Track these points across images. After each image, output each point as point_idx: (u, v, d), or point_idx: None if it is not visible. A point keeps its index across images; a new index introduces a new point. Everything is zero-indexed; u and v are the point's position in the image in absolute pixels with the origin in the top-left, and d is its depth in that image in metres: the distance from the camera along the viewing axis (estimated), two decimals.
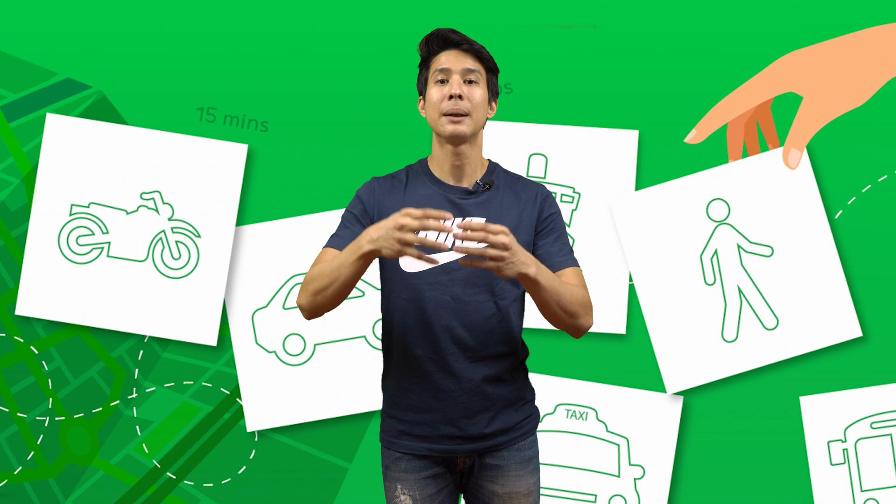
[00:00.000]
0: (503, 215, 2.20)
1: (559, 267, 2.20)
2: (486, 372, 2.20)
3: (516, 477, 2.27)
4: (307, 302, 2.13)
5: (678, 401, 3.30)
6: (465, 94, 2.15)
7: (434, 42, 2.22)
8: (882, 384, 3.26)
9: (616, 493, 3.32)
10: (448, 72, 2.17)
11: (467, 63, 2.18)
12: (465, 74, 2.17)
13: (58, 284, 3.33)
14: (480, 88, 2.19)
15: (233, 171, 3.34)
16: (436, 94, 2.18)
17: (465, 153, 2.19)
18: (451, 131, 2.14)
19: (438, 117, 2.16)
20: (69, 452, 3.42)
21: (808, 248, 3.22)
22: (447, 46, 2.20)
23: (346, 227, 2.21)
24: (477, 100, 2.17)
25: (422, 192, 2.21)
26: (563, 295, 2.08)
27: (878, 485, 3.26)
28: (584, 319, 2.16)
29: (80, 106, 3.35)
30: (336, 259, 2.05)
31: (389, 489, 2.28)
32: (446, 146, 2.19)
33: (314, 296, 2.10)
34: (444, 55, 2.19)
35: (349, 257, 2.00)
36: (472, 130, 2.16)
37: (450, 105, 2.14)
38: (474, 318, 2.17)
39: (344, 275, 2.03)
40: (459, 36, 2.20)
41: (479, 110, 2.18)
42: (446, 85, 2.17)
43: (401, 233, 1.87)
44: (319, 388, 3.36)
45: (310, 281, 2.11)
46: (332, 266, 2.05)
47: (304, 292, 2.13)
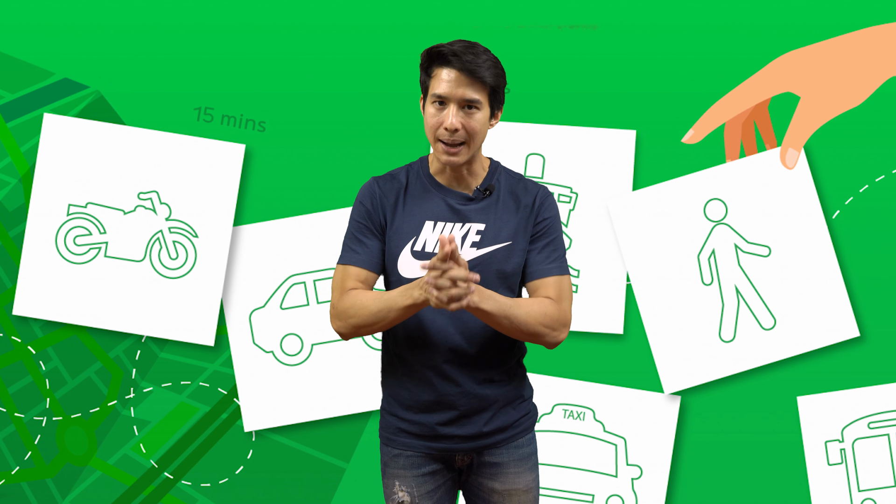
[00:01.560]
0: (503, 222, 2.19)
1: (538, 276, 2.19)
2: (483, 375, 2.20)
3: (515, 474, 2.27)
4: (347, 332, 2.16)
5: (675, 401, 3.30)
6: (461, 126, 2.08)
7: (435, 58, 2.10)
8: (879, 384, 3.26)
9: (613, 493, 3.32)
10: (446, 99, 2.08)
11: (467, 92, 2.06)
12: (462, 103, 2.08)
13: (55, 284, 3.33)
14: (481, 113, 2.10)
15: (230, 171, 3.33)
16: (432, 116, 2.10)
17: (464, 167, 2.18)
18: (446, 161, 2.11)
19: (434, 140, 2.12)
20: (66, 452, 3.42)
21: (806, 249, 3.22)
22: (448, 65, 2.08)
23: (359, 242, 2.19)
24: (475, 128, 2.09)
25: (421, 196, 2.20)
26: (517, 317, 2.07)
27: (876, 485, 3.26)
28: (551, 336, 2.15)
29: (78, 106, 3.35)
30: (382, 300, 2.07)
31: (388, 486, 2.29)
32: (443, 158, 2.16)
33: (356, 329, 2.13)
34: (445, 73, 2.08)
35: (400, 302, 2.05)
36: (467, 158, 2.13)
37: (446, 136, 2.08)
38: (471, 324, 2.17)
39: (392, 317, 2.07)
40: (461, 59, 2.06)
41: (476, 137, 2.11)
42: (443, 110, 2.09)
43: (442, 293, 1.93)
44: (317, 389, 3.36)
45: (350, 314, 2.12)
46: (376, 306, 2.07)
47: (343, 322, 2.14)
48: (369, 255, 2.17)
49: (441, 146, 2.10)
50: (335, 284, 2.18)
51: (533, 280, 2.20)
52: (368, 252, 2.17)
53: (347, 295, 2.13)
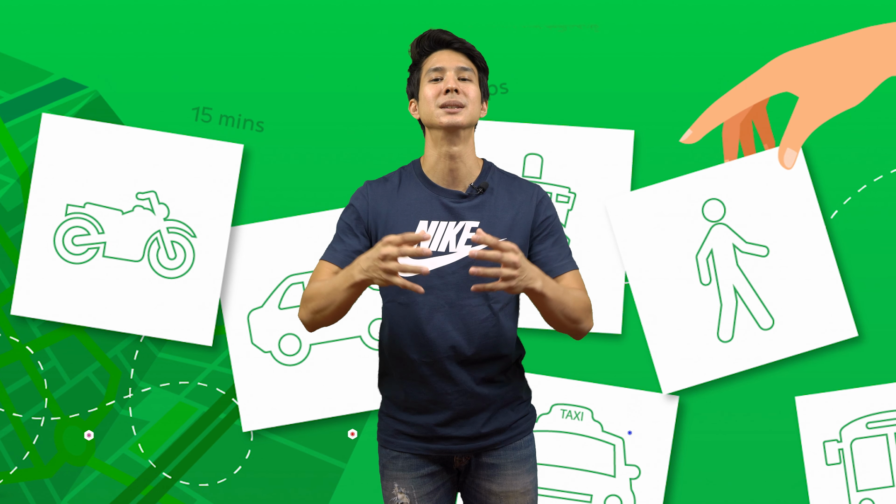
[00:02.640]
0: (497, 218, 2.20)
1: (559, 272, 2.21)
2: (481, 374, 2.21)
3: (513, 476, 2.27)
4: (307, 319, 2.18)
5: (674, 401, 3.30)
6: (460, 89, 2.16)
7: (426, 43, 2.24)
8: (877, 384, 3.26)
9: (612, 493, 3.32)
10: (442, 70, 2.18)
11: (460, 62, 2.20)
12: (459, 72, 2.18)
13: (53, 284, 3.33)
14: (474, 85, 2.20)
15: (228, 172, 3.34)
16: (430, 90, 2.18)
17: (459, 154, 2.18)
18: (448, 121, 2.14)
19: (433, 111, 2.16)
20: (65, 452, 3.42)
21: (804, 249, 3.23)
22: (439, 46, 2.23)
23: (340, 241, 2.23)
24: (472, 95, 2.18)
25: (414, 196, 2.21)
26: (567, 303, 2.10)
27: (874, 485, 3.26)
28: (586, 323, 2.18)
29: (76, 106, 3.35)
30: (332, 282, 2.10)
31: (387, 487, 2.29)
32: (441, 146, 2.18)
33: (313, 314, 2.15)
34: (437, 55, 2.22)
35: (342, 283, 2.05)
36: (468, 122, 2.16)
37: (446, 98, 2.14)
38: (469, 322, 2.17)
39: (338, 300, 2.08)
40: (450, 36, 2.23)
41: (474, 104, 2.18)
42: (441, 82, 2.18)
43: (385, 262, 1.91)
44: (315, 389, 3.36)
45: (308, 299, 2.15)
46: (327, 289, 2.10)
47: (304, 309, 2.18)
48: (344, 254, 2.20)
49: (442, 111, 2.15)
50: (310, 279, 2.23)
51: (553, 277, 2.21)
52: (345, 250, 2.20)
53: (311, 284, 2.17)
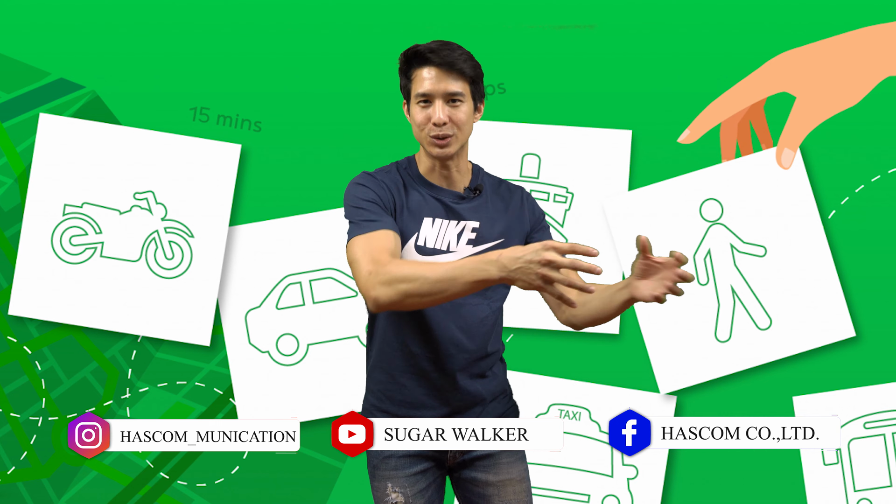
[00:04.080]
0: (496, 220, 2.23)
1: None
2: (478, 370, 2.24)
3: (508, 464, 2.30)
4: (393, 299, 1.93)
5: (671, 401, 3.30)
6: (448, 119, 2.10)
7: (413, 59, 2.14)
8: (875, 384, 3.26)
9: (609, 494, 3.32)
10: (430, 96, 2.11)
11: (449, 86, 2.10)
12: (447, 98, 2.11)
13: (51, 284, 3.33)
14: (465, 105, 2.13)
15: (226, 172, 3.33)
16: (419, 115, 2.13)
17: (453, 163, 2.20)
18: (438, 153, 2.13)
19: (423, 137, 2.14)
20: (62, 452, 3.42)
21: (802, 249, 3.23)
22: (426, 63, 2.13)
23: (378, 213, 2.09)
24: (462, 119, 2.12)
25: (416, 193, 2.21)
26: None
27: (872, 485, 3.26)
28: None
29: (74, 106, 3.35)
30: (444, 269, 1.87)
31: (379, 489, 2.28)
32: (433, 157, 2.17)
33: (405, 297, 1.91)
34: (426, 71, 2.12)
35: (468, 276, 1.83)
36: (458, 148, 2.15)
37: (435, 130, 2.11)
38: (470, 320, 2.20)
39: (454, 290, 1.86)
40: (439, 55, 2.10)
41: (464, 128, 2.14)
42: (429, 107, 2.11)
43: (547, 269, 1.73)
44: (312, 389, 3.36)
45: (403, 279, 1.89)
46: (436, 274, 1.87)
47: (390, 288, 1.92)
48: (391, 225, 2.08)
49: (431, 140, 2.12)
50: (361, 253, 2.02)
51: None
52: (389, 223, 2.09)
53: (396, 261, 1.95)
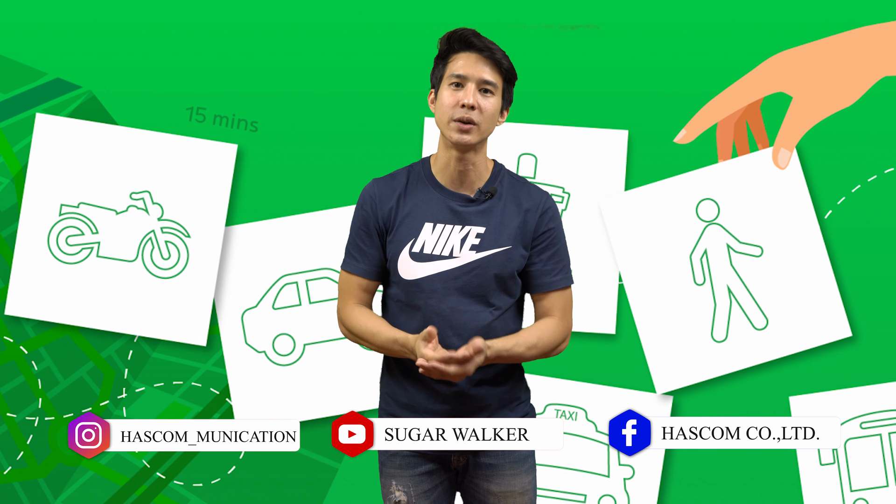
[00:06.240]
0: (503, 225, 2.19)
1: (546, 288, 2.26)
2: (480, 376, 2.20)
3: (511, 476, 2.27)
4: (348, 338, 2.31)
5: (668, 401, 3.30)
6: (477, 105, 2.11)
7: (455, 41, 2.15)
8: (872, 384, 3.26)
9: (606, 494, 3.32)
10: (464, 78, 2.11)
11: (485, 73, 2.12)
12: (480, 84, 2.12)
13: (47, 284, 3.32)
14: (495, 98, 2.14)
15: (222, 172, 3.33)
16: (448, 97, 2.13)
17: (471, 159, 2.18)
18: (458, 139, 2.12)
19: (447, 122, 2.13)
20: (59, 452, 3.41)
21: (798, 249, 3.23)
22: (467, 48, 2.14)
23: (359, 249, 2.26)
24: (489, 111, 2.13)
25: (421, 197, 2.21)
26: (525, 355, 2.20)
27: (868, 485, 3.27)
28: (556, 352, 2.27)
29: (70, 106, 3.34)
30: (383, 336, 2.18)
31: (385, 485, 2.30)
32: (451, 150, 2.17)
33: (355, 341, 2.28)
34: (464, 58, 2.13)
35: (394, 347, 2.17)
36: (477, 140, 2.14)
37: (461, 112, 2.10)
38: (469, 327, 2.17)
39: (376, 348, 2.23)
40: (482, 41, 2.13)
41: (489, 121, 2.14)
42: (460, 90, 2.12)
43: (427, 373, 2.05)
44: (309, 389, 3.36)
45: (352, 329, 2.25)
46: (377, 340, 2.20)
47: (347, 331, 2.28)
48: (369, 264, 2.24)
49: (455, 125, 2.12)
50: (340, 288, 2.30)
51: (539, 292, 2.27)
52: (368, 260, 2.24)
53: (354, 310, 2.26)
